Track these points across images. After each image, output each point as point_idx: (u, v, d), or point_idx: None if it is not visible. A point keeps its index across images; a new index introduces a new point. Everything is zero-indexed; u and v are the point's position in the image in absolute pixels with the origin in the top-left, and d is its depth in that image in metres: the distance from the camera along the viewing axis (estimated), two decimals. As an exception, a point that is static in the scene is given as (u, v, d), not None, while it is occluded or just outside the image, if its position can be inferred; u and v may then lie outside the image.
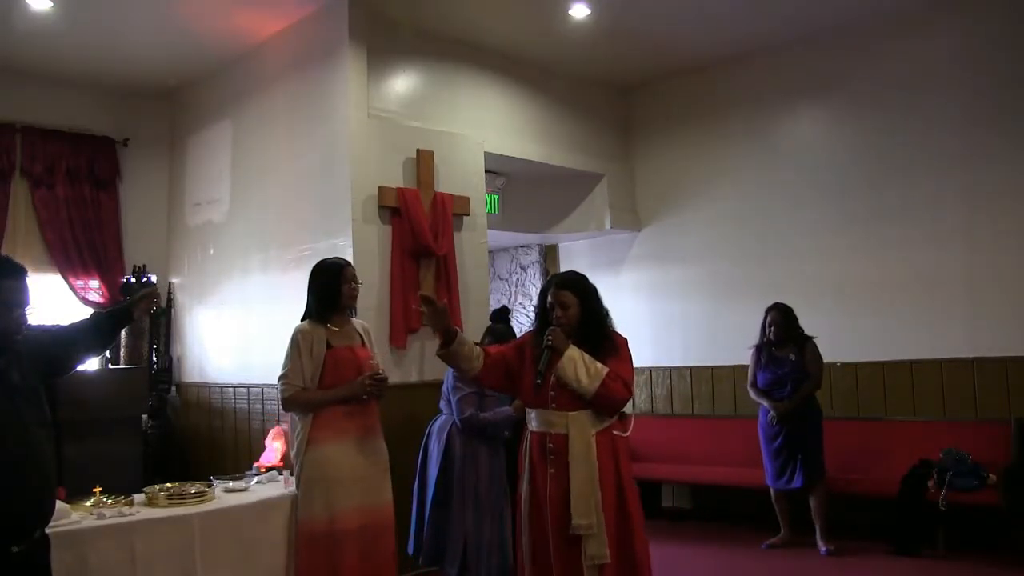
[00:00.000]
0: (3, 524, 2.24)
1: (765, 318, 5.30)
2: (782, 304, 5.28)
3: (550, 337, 3.12)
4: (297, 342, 3.56)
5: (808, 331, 5.26)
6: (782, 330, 5.21)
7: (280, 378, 3.56)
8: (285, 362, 3.57)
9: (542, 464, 3.12)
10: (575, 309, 3.21)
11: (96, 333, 2.71)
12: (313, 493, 3.48)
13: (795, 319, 5.25)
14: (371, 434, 3.62)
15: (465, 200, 5.33)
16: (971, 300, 5.26)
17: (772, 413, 5.15)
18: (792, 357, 5.18)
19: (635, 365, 7.09)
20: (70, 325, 2.73)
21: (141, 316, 2.92)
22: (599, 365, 3.11)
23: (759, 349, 5.34)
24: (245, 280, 5.59)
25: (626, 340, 3.31)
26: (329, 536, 3.45)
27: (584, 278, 3.33)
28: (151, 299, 2.90)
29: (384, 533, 3.59)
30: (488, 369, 3.22)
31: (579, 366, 3.10)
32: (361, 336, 3.75)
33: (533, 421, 3.20)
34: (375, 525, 3.54)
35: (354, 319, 3.80)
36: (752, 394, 5.35)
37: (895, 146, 5.58)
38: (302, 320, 3.67)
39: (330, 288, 3.65)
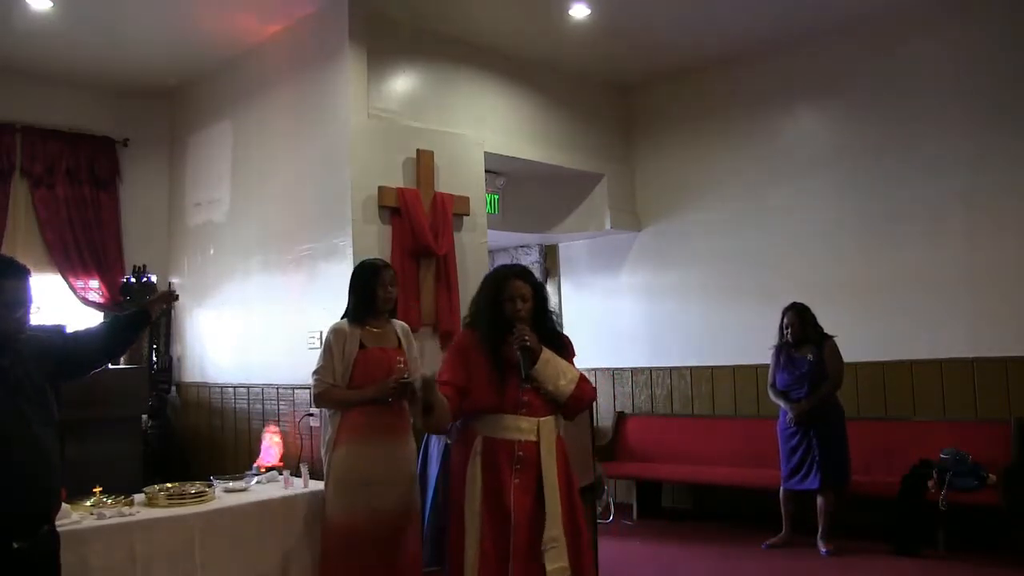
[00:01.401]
0: (3, 521, 2.24)
1: (782, 319, 5.27)
2: (799, 304, 5.25)
3: (526, 337, 2.88)
4: (330, 341, 3.62)
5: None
6: (798, 331, 5.20)
7: (313, 374, 3.63)
8: (319, 359, 3.64)
9: (507, 474, 2.87)
10: (531, 303, 2.98)
11: (111, 336, 2.74)
12: (338, 492, 3.53)
13: (812, 319, 5.23)
14: (397, 436, 3.62)
15: (465, 200, 5.33)
16: (971, 300, 5.26)
17: (790, 415, 5.13)
18: (810, 357, 5.16)
19: (635, 365, 7.19)
20: (85, 329, 2.79)
21: (156, 315, 2.95)
22: (571, 365, 2.98)
23: (778, 350, 5.32)
24: (245, 280, 5.59)
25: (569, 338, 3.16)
26: (351, 535, 3.47)
27: (531, 270, 3.14)
28: (168, 299, 2.93)
29: (409, 536, 3.59)
30: (457, 410, 2.91)
31: (555, 367, 2.93)
32: (399, 338, 3.77)
33: (494, 428, 2.91)
34: (400, 527, 3.55)
35: (395, 321, 3.83)
36: (771, 395, 5.33)
37: (895, 146, 5.59)
38: (341, 319, 3.73)
39: (366, 290, 3.69)
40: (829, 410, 5.12)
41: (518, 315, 2.94)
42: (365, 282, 3.70)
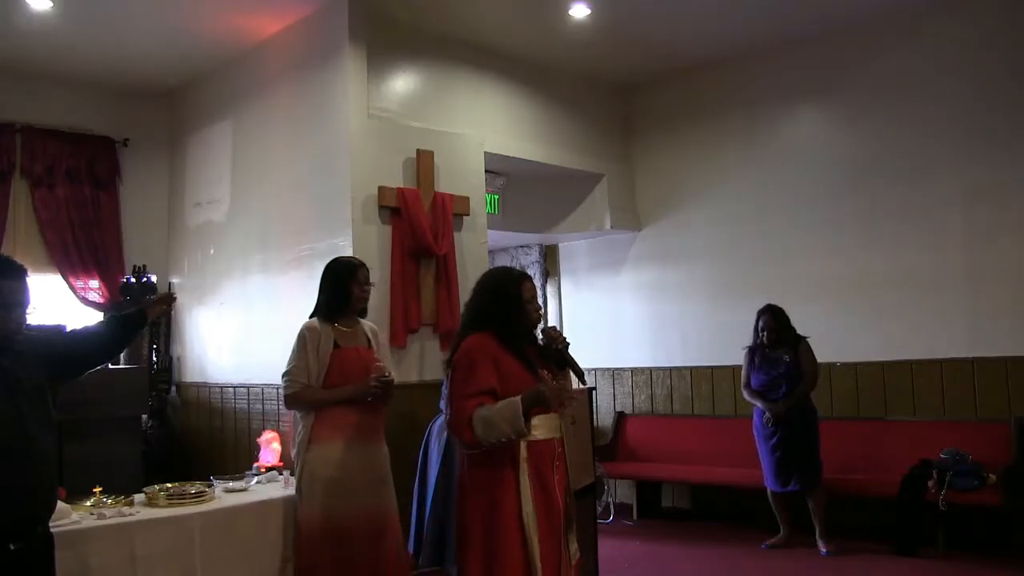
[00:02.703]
0: (1, 521, 2.24)
1: (757, 321, 5.29)
2: (774, 306, 5.27)
3: (566, 338, 2.99)
4: (304, 339, 3.52)
5: (808, 331, 5.26)
6: (775, 333, 5.21)
7: (284, 375, 3.51)
8: (290, 358, 3.52)
9: (551, 473, 2.87)
10: None
11: (108, 337, 2.74)
12: (313, 492, 3.44)
13: (787, 320, 5.25)
14: (373, 437, 3.57)
15: (465, 200, 5.33)
16: (971, 300, 5.26)
17: (767, 415, 5.14)
18: (786, 358, 5.18)
19: (635, 365, 7.19)
20: (83, 328, 2.79)
21: (156, 318, 2.92)
22: None
23: (752, 351, 5.34)
24: (245, 280, 5.60)
25: None
26: (329, 535, 3.41)
27: None
28: (167, 302, 2.91)
29: (391, 538, 3.54)
30: None
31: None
32: (368, 338, 3.72)
33: (538, 430, 2.85)
34: (380, 529, 3.50)
35: (363, 321, 3.76)
36: (746, 395, 5.35)
37: (894, 146, 5.59)
38: (311, 317, 3.64)
39: (341, 288, 3.61)
40: (805, 411, 5.15)
41: (539, 317, 2.99)
42: (340, 280, 3.62)
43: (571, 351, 3.02)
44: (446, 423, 2.97)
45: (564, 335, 2.96)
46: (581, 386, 3.05)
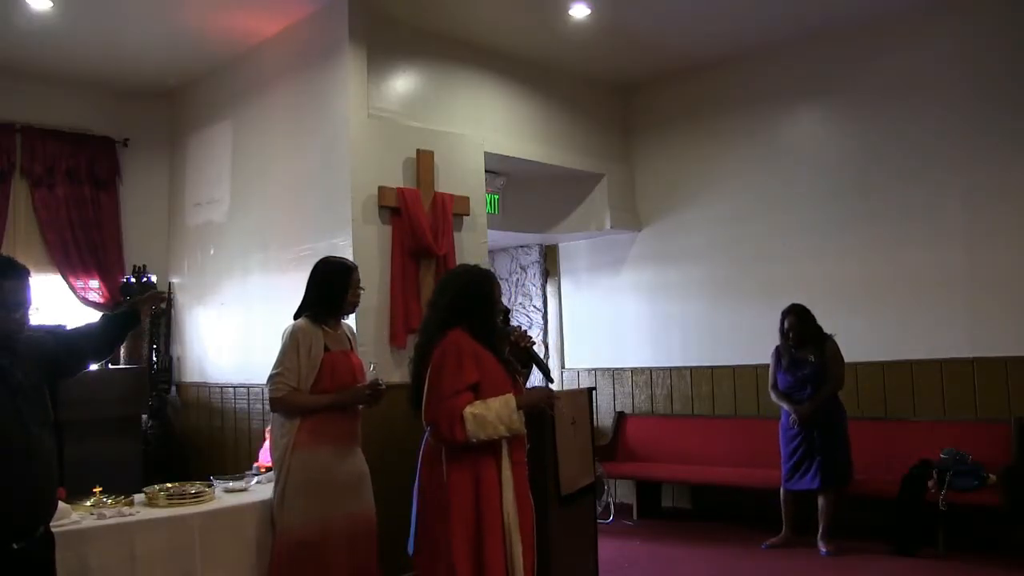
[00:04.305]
0: (2, 522, 2.24)
1: (782, 322, 5.25)
2: (798, 306, 5.23)
3: (532, 339, 3.11)
4: (297, 341, 3.42)
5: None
6: (799, 334, 5.19)
7: (272, 377, 3.43)
8: (279, 360, 3.43)
9: (523, 469, 2.97)
10: None
11: (102, 336, 2.74)
12: (301, 499, 3.38)
13: (812, 320, 5.21)
14: (354, 442, 3.56)
15: (465, 200, 5.33)
16: (971, 300, 5.26)
17: (793, 417, 5.13)
18: (812, 359, 5.16)
19: (635, 365, 7.22)
20: (76, 328, 2.79)
21: (146, 316, 2.93)
22: None
23: (779, 352, 5.31)
24: (245, 280, 5.60)
25: None
26: (319, 543, 3.35)
27: None
28: (156, 300, 2.92)
29: (370, 541, 3.53)
30: None
31: None
32: (350, 340, 3.69)
33: None
34: (363, 533, 3.49)
35: (343, 322, 3.70)
36: (773, 396, 5.33)
37: (895, 146, 5.59)
38: (296, 318, 3.56)
39: (336, 290, 3.55)
40: (832, 411, 5.12)
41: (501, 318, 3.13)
42: (336, 282, 3.55)
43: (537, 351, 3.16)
44: (428, 419, 2.92)
45: (530, 336, 3.10)
46: (549, 385, 3.16)
